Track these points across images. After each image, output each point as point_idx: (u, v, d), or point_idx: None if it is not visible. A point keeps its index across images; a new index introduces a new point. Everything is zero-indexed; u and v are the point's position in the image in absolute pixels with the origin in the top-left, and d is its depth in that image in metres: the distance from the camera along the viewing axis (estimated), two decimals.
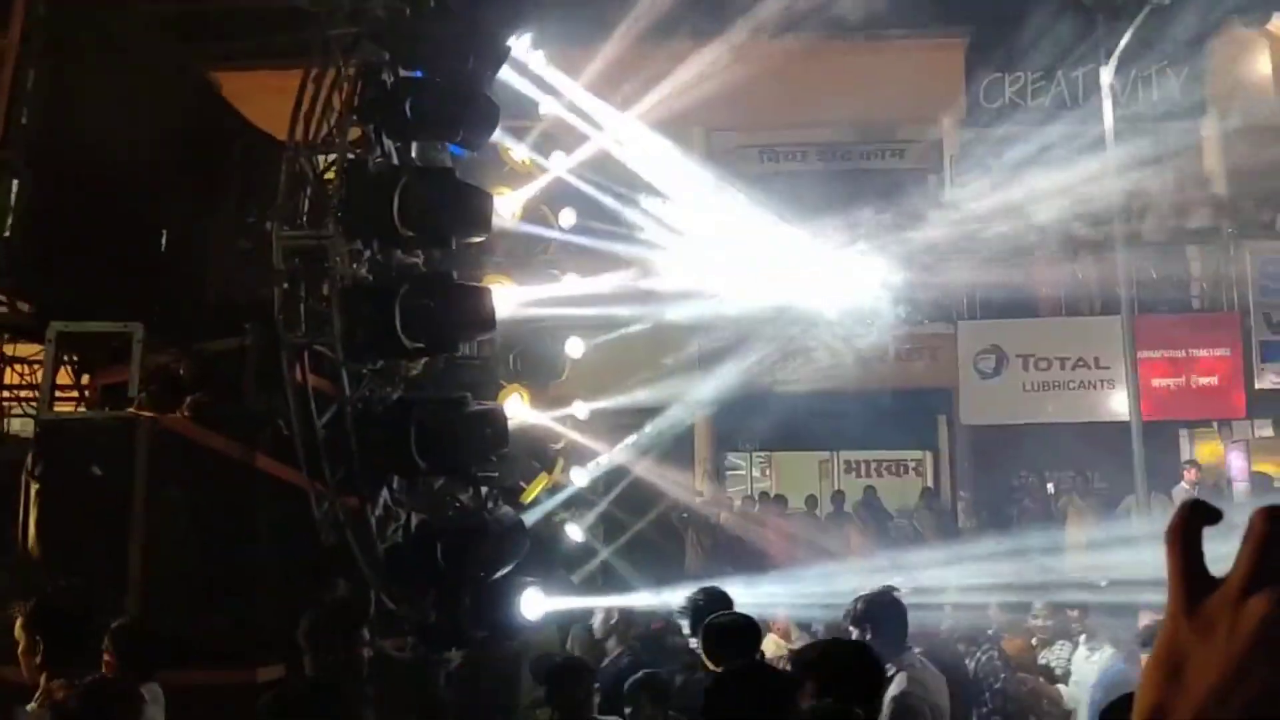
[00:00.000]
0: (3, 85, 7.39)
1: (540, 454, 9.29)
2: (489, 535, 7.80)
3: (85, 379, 8.58)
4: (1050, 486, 20.24)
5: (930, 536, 18.90)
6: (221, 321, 8.05)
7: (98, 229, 8.13)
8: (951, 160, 20.68)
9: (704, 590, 6.17)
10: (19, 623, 4.70)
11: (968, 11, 20.31)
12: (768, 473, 22.49)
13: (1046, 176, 18.31)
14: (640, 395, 11.97)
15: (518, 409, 8.49)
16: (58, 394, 8.25)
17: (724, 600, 6.06)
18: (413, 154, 8.11)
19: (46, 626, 4.66)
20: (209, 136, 8.79)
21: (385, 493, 7.74)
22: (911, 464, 22.17)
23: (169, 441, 7.12)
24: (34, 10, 7.59)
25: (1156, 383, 19.18)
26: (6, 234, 7.43)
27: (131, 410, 7.21)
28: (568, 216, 9.95)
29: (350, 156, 7.54)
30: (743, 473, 22.51)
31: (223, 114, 9.43)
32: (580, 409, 9.93)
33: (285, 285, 7.34)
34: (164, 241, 8.70)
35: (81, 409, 8.27)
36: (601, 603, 8.41)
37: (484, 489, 8.74)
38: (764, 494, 20.60)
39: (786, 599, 9.58)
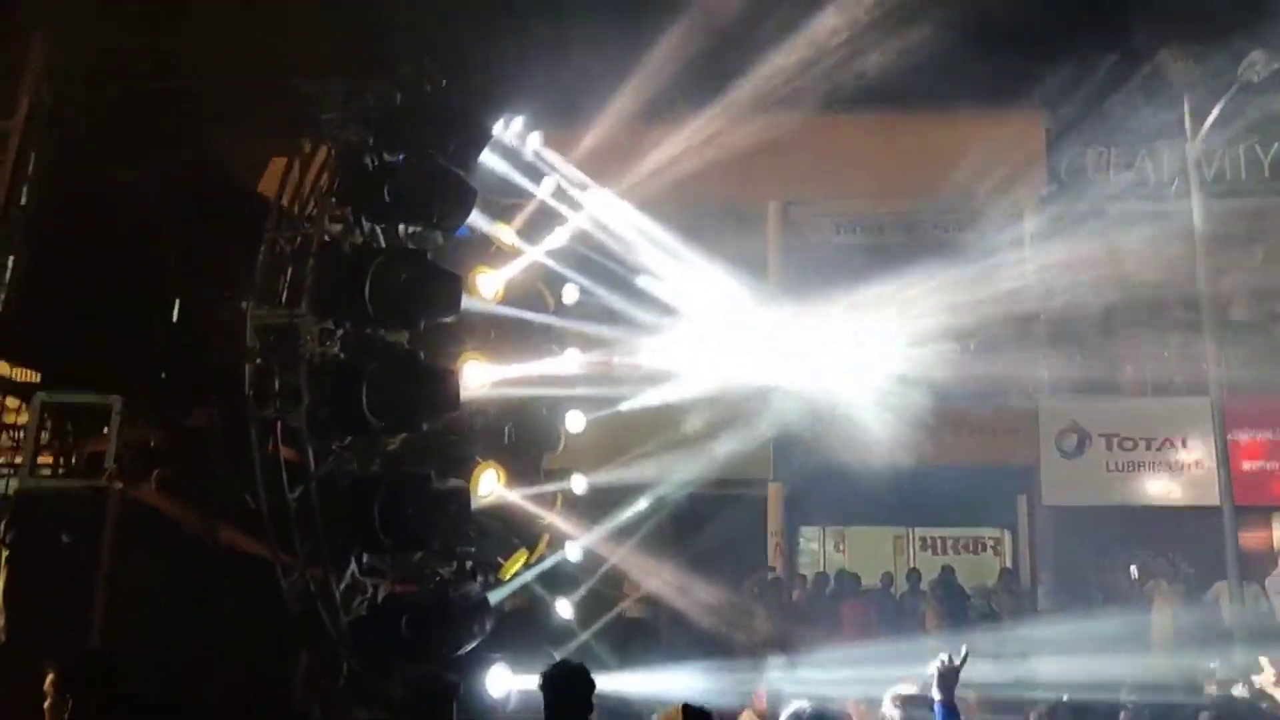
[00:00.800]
0: (5, 166, 7.79)
1: (523, 530, 9.31)
2: (452, 612, 7.87)
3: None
4: (1134, 570, 19.51)
5: (1008, 619, 18.39)
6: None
7: (101, 300, 8.46)
8: (1032, 235, 20.28)
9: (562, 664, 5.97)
10: (49, 680, 4.88)
11: (1050, 85, 19.97)
12: (841, 548, 22.06)
13: (1129, 252, 17.90)
14: (641, 471, 11.86)
15: (491, 486, 8.54)
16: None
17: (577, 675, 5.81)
18: (400, 234, 8.28)
19: (75, 688, 4.84)
20: (220, 209, 9.09)
21: (353, 565, 7.86)
22: (990, 542, 21.60)
23: (136, 511, 7.37)
24: (40, 94, 8.00)
25: (1247, 465, 18.51)
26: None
27: (103, 481, 7.48)
28: (570, 293, 10.01)
29: (326, 237, 7.73)
30: (815, 546, 22.13)
31: (234, 188, 9.76)
32: (579, 483, 9.89)
33: (258, 361, 7.58)
34: (174, 313, 9.01)
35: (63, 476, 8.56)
36: None
37: (468, 563, 8.82)
38: (840, 571, 20.16)
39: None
